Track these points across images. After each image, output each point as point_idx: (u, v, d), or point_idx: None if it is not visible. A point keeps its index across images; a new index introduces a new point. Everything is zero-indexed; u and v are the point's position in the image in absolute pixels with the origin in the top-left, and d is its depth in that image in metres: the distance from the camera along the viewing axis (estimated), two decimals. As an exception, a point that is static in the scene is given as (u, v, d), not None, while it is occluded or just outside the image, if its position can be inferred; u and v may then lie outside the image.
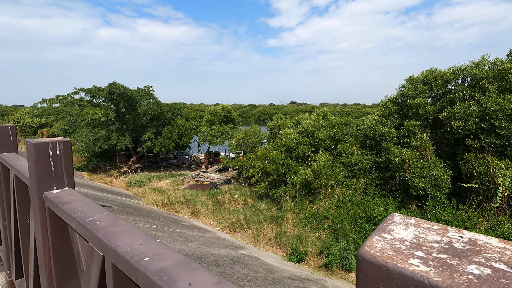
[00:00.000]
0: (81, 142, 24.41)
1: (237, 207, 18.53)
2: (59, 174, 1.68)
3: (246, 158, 22.61)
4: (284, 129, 19.85)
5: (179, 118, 29.29)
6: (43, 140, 1.63)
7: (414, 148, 14.20)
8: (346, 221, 13.97)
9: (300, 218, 16.12)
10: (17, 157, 2.80)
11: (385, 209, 13.07)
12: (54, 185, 1.67)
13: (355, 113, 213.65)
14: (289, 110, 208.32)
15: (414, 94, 16.05)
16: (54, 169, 1.66)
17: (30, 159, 1.62)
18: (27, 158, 1.70)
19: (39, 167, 1.61)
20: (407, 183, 13.76)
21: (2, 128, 2.96)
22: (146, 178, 26.08)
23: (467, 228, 11.39)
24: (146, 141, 27.58)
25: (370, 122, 17.15)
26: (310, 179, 16.03)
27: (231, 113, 30.92)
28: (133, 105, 26.88)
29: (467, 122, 12.50)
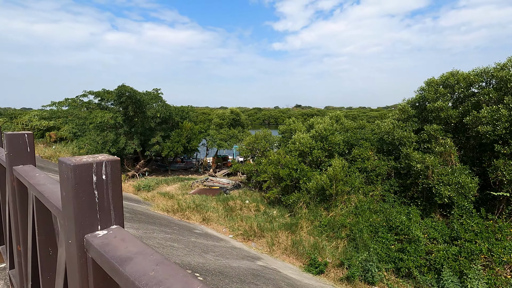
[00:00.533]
0: (89, 145, 24.14)
1: (249, 213, 17.98)
2: (106, 209, 1.18)
3: (257, 163, 22.09)
4: (296, 133, 19.31)
5: (188, 121, 28.93)
6: (85, 160, 1.12)
7: (437, 154, 13.55)
8: (365, 230, 13.32)
9: (315, 225, 15.50)
10: (35, 171, 2.31)
11: (407, 218, 12.41)
12: (98, 223, 1.17)
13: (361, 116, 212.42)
14: (295, 114, 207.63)
15: (435, 97, 15.41)
16: (99, 202, 1.16)
17: (66, 186, 1.12)
18: (60, 184, 1.20)
19: (79, 199, 1.11)
20: (431, 190, 13.09)
21: (17, 136, 2.49)
22: (154, 182, 25.70)
23: (498, 239, 10.70)
24: (154, 145, 27.25)
25: (388, 126, 16.54)
26: (326, 185, 15.43)
27: (240, 116, 30.50)
28: (142, 108, 26.61)
29: (495, 126, 11.83)
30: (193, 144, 27.87)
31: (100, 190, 1.14)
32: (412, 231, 11.65)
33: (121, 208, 1.21)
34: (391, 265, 11.27)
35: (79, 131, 25.50)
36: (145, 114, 26.86)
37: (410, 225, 11.96)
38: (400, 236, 12.10)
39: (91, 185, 1.11)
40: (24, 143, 2.52)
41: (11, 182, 2.50)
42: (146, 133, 27.16)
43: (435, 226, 12.10)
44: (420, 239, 11.27)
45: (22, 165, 2.50)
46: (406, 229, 11.92)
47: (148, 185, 24.38)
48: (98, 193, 1.14)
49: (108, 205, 1.18)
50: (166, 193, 22.58)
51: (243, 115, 31.25)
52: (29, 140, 2.52)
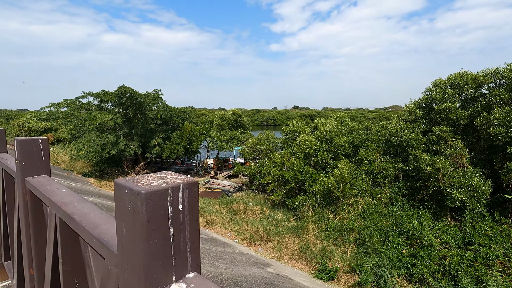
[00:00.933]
0: (88, 147, 23.67)
1: (253, 216, 17.62)
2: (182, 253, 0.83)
3: (260, 165, 21.76)
4: (301, 135, 19.00)
5: (189, 122, 28.54)
6: (155, 184, 0.77)
7: (448, 156, 13.28)
8: (375, 234, 13.00)
9: (322, 229, 15.16)
10: (53, 184, 1.93)
11: (419, 221, 12.11)
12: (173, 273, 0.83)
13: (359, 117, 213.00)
14: (293, 115, 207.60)
15: (443, 98, 15.17)
16: (174, 243, 0.82)
17: (132, 222, 0.78)
18: (117, 218, 0.84)
19: (151, 243, 0.77)
20: (442, 193, 12.82)
21: (30, 142, 2.13)
22: (155, 185, 25.26)
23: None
24: (155, 147, 26.81)
25: (395, 128, 16.26)
26: (333, 188, 15.12)
27: (241, 117, 30.17)
28: (142, 109, 26.18)
29: (509, 128, 11.58)
30: (194, 145, 27.47)
31: (176, 226, 0.79)
32: (424, 235, 11.36)
33: (198, 249, 0.87)
34: (403, 270, 10.96)
35: (78, 132, 25.02)
36: (146, 115, 26.44)
37: (421, 229, 11.66)
38: (411, 240, 11.80)
39: (166, 220, 0.76)
40: (38, 150, 2.17)
41: (23, 196, 2.16)
42: (146, 134, 26.73)
43: (447, 230, 11.81)
44: (433, 243, 10.97)
45: (36, 175, 2.15)
46: (417, 233, 11.62)
47: (148, 188, 23.94)
48: (174, 232, 0.79)
49: (184, 246, 0.83)
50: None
51: (244, 117, 30.88)
52: (43, 147, 2.16)
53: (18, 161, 2.10)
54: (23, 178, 2.11)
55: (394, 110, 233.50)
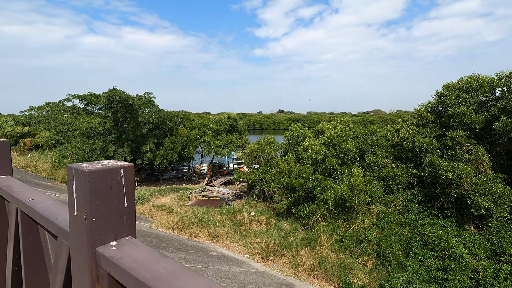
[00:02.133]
0: (75, 154, 21.81)
1: (259, 227, 16.52)
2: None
3: (262, 171, 20.72)
4: (307, 140, 18.16)
5: (182, 127, 27.14)
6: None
7: (467, 162, 12.78)
8: (395, 246, 12.26)
9: (335, 240, 14.29)
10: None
11: (445, 232, 11.45)
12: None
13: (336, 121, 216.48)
14: (279, 119, 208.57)
15: (456, 102, 14.80)
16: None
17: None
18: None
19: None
20: (463, 201, 12.26)
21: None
22: (147, 194, 23.63)
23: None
24: (146, 152, 25.21)
25: (407, 133, 15.73)
26: (347, 196, 14.30)
27: (237, 122, 29.07)
28: (133, 113, 24.58)
29: (533, 133, 11.18)
30: (189, 151, 26.09)
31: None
32: (452, 246, 10.69)
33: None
34: (433, 286, 10.21)
35: (62, 138, 23.08)
36: (137, 119, 24.85)
37: (448, 240, 11.00)
38: (438, 252, 11.11)
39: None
40: None
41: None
42: (137, 140, 25.10)
43: (473, 240, 11.20)
44: (464, 255, 10.30)
45: None
46: (444, 244, 10.95)
47: (141, 197, 22.32)
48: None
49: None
50: (162, 206, 20.67)
51: (240, 121, 29.82)
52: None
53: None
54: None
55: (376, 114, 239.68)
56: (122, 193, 0.92)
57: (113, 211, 0.90)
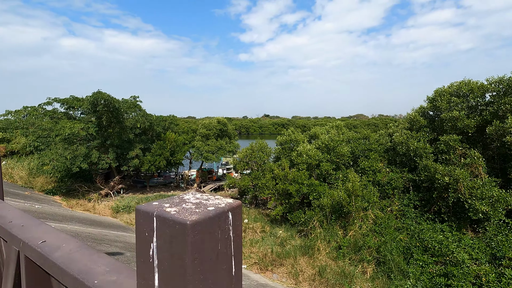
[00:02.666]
0: (56, 161, 20.52)
1: (255, 235, 16.00)
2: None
3: (255, 177, 20.26)
4: (301, 145, 17.90)
5: (171, 132, 26.28)
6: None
7: (463, 166, 12.87)
8: (395, 252, 12.10)
9: (333, 247, 14.00)
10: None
11: (445, 237, 11.38)
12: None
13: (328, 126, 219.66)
14: (265, 123, 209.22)
15: (449, 106, 14.99)
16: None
17: None
18: None
19: None
20: (460, 205, 12.30)
21: None
22: (134, 202, 22.57)
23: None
24: (133, 159, 24.16)
25: (401, 137, 15.77)
26: (345, 201, 14.08)
27: (227, 126, 28.53)
28: (119, 117, 23.53)
29: (527, 137, 11.38)
30: (178, 157, 25.25)
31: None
32: (453, 252, 10.61)
33: None
34: (437, 293, 10.05)
35: (42, 144, 21.69)
36: (123, 124, 23.80)
37: (448, 245, 10.93)
38: (438, 257, 11.01)
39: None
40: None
41: None
42: (123, 145, 24.02)
43: (472, 244, 11.19)
44: (466, 261, 10.23)
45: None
46: (445, 249, 10.87)
47: (128, 206, 21.26)
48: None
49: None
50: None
51: (230, 125, 29.30)
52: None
53: None
54: None
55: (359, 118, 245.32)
56: (230, 252, 0.59)
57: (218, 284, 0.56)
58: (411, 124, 16.90)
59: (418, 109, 17.06)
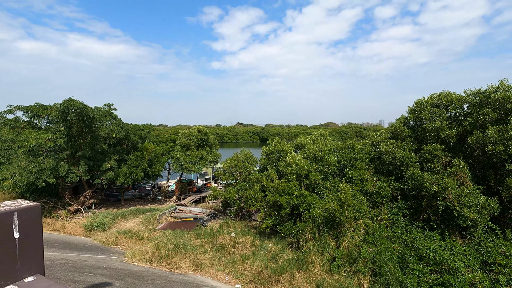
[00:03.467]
0: (18, 175, 18.41)
1: (245, 251, 15.31)
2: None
3: (240, 188, 19.61)
4: (289, 155, 17.67)
5: (148, 142, 24.90)
6: None
7: (449, 174, 13.32)
8: (390, 262, 12.08)
9: (327, 259, 13.73)
10: None
11: (438, 245, 11.57)
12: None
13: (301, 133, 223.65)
14: (240, 131, 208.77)
15: (431, 117, 15.61)
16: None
17: None
18: None
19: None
20: (450, 213, 12.66)
21: None
22: (109, 218, 20.86)
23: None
24: (107, 171, 22.46)
25: (388, 147, 16.12)
26: (338, 212, 13.94)
27: (207, 135, 27.68)
28: (92, 127, 21.84)
29: (507, 146, 12.04)
30: (156, 168, 23.91)
31: None
32: (448, 260, 10.78)
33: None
34: (437, 303, 10.08)
35: (1, 157, 19.38)
36: (96, 134, 22.11)
37: (443, 253, 11.10)
38: (434, 266, 11.12)
39: None
40: None
41: None
42: (96, 157, 22.27)
43: (464, 252, 11.47)
44: (461, 269, 10.41)
45: None
46: (439, 258, 11.01)
47: (102, 223, 19.58)
48: None
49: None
50: (129, 232, 18.32)
51: (210, 134, 28.48)
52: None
53: None
54: None
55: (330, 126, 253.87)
56: None
57: None
58: (394, 133, 17.39)
59: (401, 119, 17.63)
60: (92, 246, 14.27)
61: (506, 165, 12.27)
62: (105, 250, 13.79)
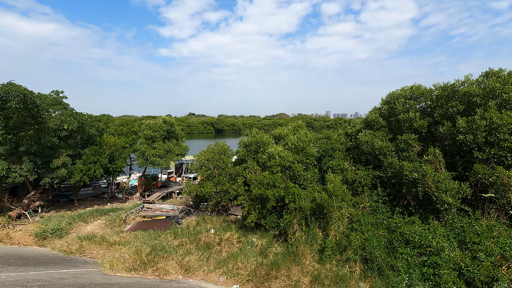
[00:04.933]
0: None
1: (232, 248, 14.61)
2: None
3: (217, 182, 18.66)
4: (271, 146, 17.25)
5: (108, 134, 22.22)
6: None
7: (425, 162, 14.27)
8: (378, 248, 12.58)
9: (315, 250, 13.81)
10: None
11: (423, 228, 12.35)
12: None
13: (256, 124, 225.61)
14: (194, 122, 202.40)
15: (404, 108, 16.52)
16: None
17: None
18: None
19: None
20: (427, 197, 13.60)
21: None
22: (65, 222, 18.19)
23: (494, 238, 11.75)
24: (59, 168, 19.48)
25: (366, 137, 16.69)
26: (327, 203, 14.02)
27: (174, 127, 25.79)
28: (37, 117, 18.58)
29: (476, 135, 13.25)
30: (118, 164, 21.51)
31: None
32: (432, 241, 11.56)
33: None
34: (428, 284, 10.75)
35: None
36: (43, 125, 18.90)
37: (427, 236, 11.87)
38: (420, 249, 11.85)
39: None
40: None
41: None
42: (44, 152, 19.10)
43: (444, 233, 12.43)
44: (445, 249, 11.24)
45: None
46: (425, 240, 11.76)
47: (57, 228, 16.97)
48: None
49: None
50: (93, 236, 16.20)
51: (177, 125, 26.61)
52: None
53: None
54: None
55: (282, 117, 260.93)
56: None
57: None
58: (369, 124, 18.09)
59: (375, 110, 18.39)
60: (54, 257, 12.16)
61: (473, 153, 13.54)
62: (73, 261, 11.86)
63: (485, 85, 14.39)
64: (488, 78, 15.06)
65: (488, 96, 14.09)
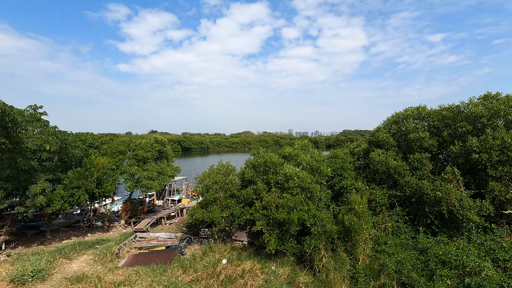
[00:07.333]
0: None
1: (256, 280, 13.21)
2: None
3: (225, 206, 17.23)
4: (286, 167, 16.50)
5: (97, 155, 19.75)
6: None
7: (444, 181, 14.57)
8: (415, 271, 12.24)
9: (347, 276, 13.04)
10: None
11: (457, 248, 12.30)
12: None
13: (224, 142, 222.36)
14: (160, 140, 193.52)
15: (415, 128, 17.04)
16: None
17: None
18: None
19: None
20: (451, 216, 13.75)
21: None
22: (44, 261, 15.27)
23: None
24: (37, 195, 16.62)
25: (381, 157, 16.76)
26: (356, 225, 13.47)
27: (166, 146, 23.95)
28: (13, 137, 15.85)
29: (490, 154, 13.90)
30: (107, 188, 19.06)
31: None
32: (470, 262, 11.49)
33: None
34: (475, 306, 10.51)
35: None
36: (20, 146, 16.16)
37: (463, 256, 11.82)
38: (458, 270, 11.71)
39: None
40: None
41: None
42: (19, 177, 16.22)
43: (474, 252, 12.49)
44: (485, 269, 11.20)
45: None
46: (461, 260, 11.67)
47: (38, 269, 14.12)
48: None
49: None
50: (83, 278, 13.72)
51: (168, 145, 24.76)
52: None
53: None
54: None
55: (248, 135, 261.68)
56: None
57: None
58: (378, 144, 18.30)
59: (384, 129, 18.68)
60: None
61: (488, 171, 14.14)
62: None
63: (489, 106, 15.37)
64: (486, 100, 16.15)
65: (494, 117, 15.04)
